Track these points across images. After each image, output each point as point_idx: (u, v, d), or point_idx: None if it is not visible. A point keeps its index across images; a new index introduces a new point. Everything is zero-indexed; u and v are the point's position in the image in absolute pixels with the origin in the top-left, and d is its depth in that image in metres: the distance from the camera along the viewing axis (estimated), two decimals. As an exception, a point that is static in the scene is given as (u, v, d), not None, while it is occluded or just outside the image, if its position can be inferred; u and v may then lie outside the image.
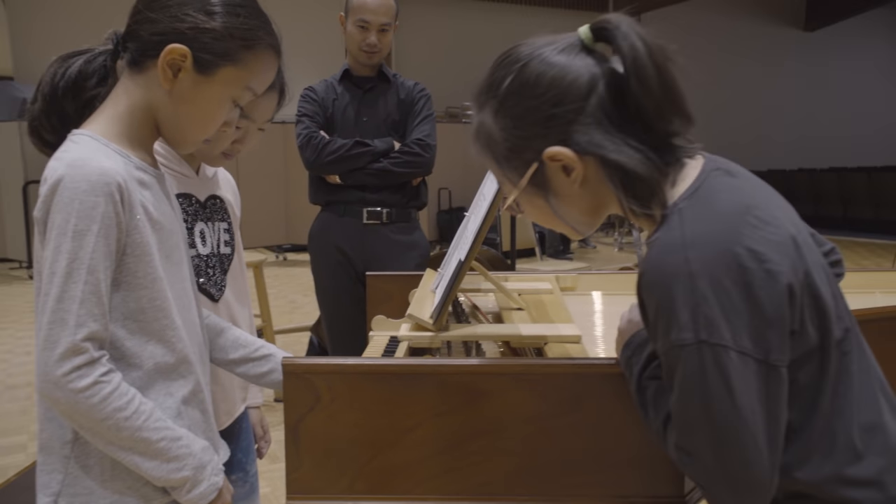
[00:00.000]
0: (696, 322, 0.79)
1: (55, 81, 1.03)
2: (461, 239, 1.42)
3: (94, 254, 0.93)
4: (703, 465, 0.83)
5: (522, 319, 1.36)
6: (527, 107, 0.90)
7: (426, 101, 2.69)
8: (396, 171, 2.57)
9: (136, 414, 0.96)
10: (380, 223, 2.61)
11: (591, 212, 0.97)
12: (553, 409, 1.06)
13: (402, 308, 1.81)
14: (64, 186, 0.93)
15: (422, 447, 1.07)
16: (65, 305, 0.92)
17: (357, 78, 2.66)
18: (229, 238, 1.42)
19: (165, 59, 1.00)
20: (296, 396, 1.07)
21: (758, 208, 0.85)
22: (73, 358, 0.91)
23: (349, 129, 2.63)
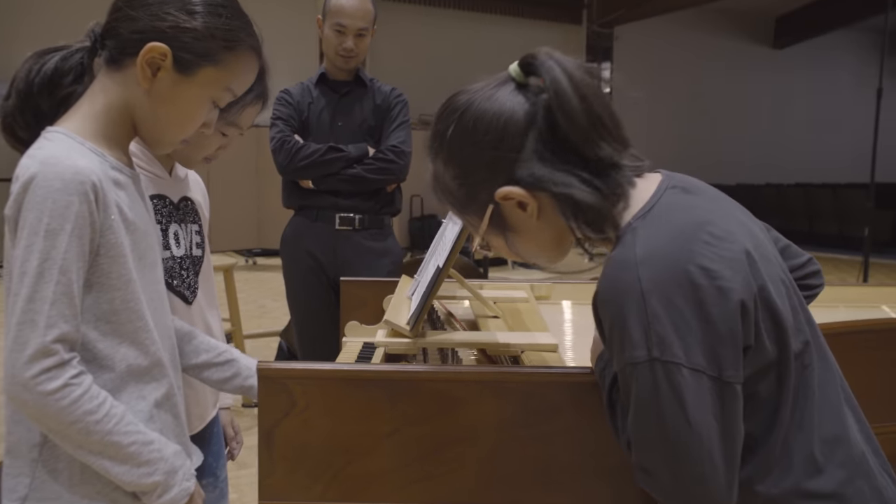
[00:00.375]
0: (649, 339, 0.79)
1: (30, 77, 1.01)
2: (438, 245, 1.42)
3: (66, 254, 0.91)
4: (660, 484, 0.84)
5: (498, 327, 1.36)
6: (470, 153, 0.92)
7: (402, 107, 2.67)
8: (370, 178, 2.55)
9: (106, 417, 0.94)
10: (352, 229, 2.59)
11: (555, 243, 0.98)
12: (529, 418, 1.06)
13: (376, 314, 1.80)
14: (37, 184, 0.91)
15: (397, 454, 1.07)
16: (35, 306, 0.90)
17: (333, 82, 2.64)
18: (200, 240, 1.41)
19: (145, 58, 0.99)
20: (270, 401, 1.05)
21: (711, 224, 0.85)
22: (43, 360, 0.89)
23: (324, 133, 2.61)
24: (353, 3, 2.51)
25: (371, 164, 2.55)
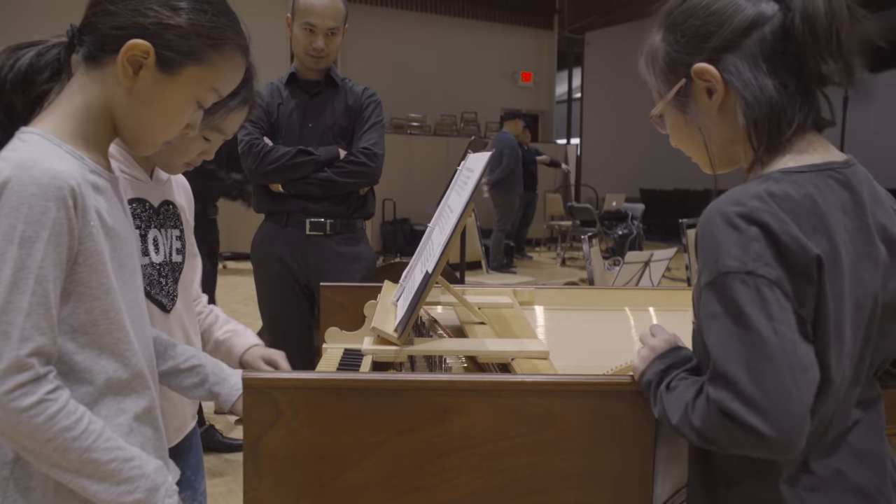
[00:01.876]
0: (747, 254, 0.83)
1: (2, 74, 0.96)
2: (424, 251, 1.39)
3: (42, 262, 0.86)
4: (743, 394, 0.81)
5: (486, 334, 1.34)
6: (692, 24, 0.96)
7: (375, 108, 2.60)
8: (341, 182, 2.49)
9: (84, 433, 0.89)
10: (323, 234, 2.53)
11: (718, 146, 1.01)
12: (523, 426, 1.04)
13: (355, 320, 1.77)
14: (11, 189, 0.86)
15: (387, 465, 1.04)
16: (9, 318, 0.85)
17: (303, 82, 2.56)
18: (181, 245, 1.36)
19: (126, 56, 0.95)
20: (256, 412, 1.02)
21: (815, 217, 0.88)
22: (17, 374, 0.85)
23: (294, 135, 2.54)
24: (323, 2, 2.44)
25: (342, 167, 2.49)
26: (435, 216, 1.51)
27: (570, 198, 12.25)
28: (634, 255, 3.76)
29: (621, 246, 8.63)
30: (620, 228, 9.00)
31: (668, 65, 1.00)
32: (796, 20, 0.90)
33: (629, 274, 3.69)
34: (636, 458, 1.06)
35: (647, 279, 3.79)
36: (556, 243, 10.78)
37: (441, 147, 10.66)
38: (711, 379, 0.85)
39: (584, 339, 1.60)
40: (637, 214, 9.75)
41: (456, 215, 1.16)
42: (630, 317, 1.81)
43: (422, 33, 12.17)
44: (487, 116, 12.11)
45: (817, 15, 0.90)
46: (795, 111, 0.93)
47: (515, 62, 13.29)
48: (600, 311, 1.84)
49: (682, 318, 1.77)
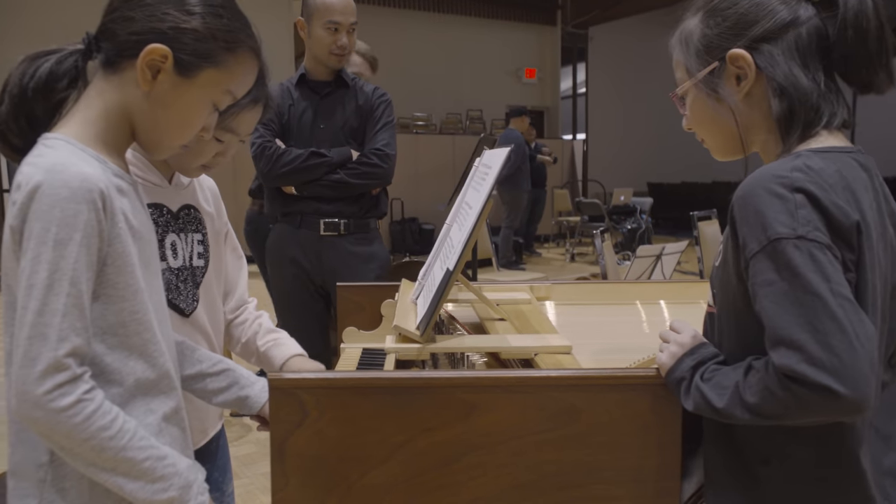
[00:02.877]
0: (795, 220, 0.85)
1: (24, 82, 0.97)
2: (442, 248, 1.39)
3: (76, 264, 0.87)
4: (810, 356, 0.81)
5: (506, 330, 1.34)
6: (736, 11, 0.99)
7: (386, 108, 2.59)
8: (353, 183, 2.48)
9: (120, 433, 0.90)
10: (337, 234, 2.52)
11: (743, 129, 1.02)
12: (548, 421, 1.04)
13: (373, 319, 1.77)
14: (43, 193, 0.87)
15: (413, 463, 1.04)
16: (45, 319, 0.86)
17: (314, 83, 2.56)
18: (203, 250, 1.35)
19: (145, 60, 0.95)
20: (282, 413, 1.02)
21: (847, 191, 0.90)
22: (55, 375, 0.86)
23: (305, 136, 2.53)
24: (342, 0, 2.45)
25: (354, 168, 2.48)
26: (451, 213, 1.51)
27: (578, 193, 12.23)
28: (646, 248, 3.75)
29: (630, 240, 8.61)
30: (629, 223, 8.98)
31: (704, 46, 1.03)
32: (848, 32, 0.93)
33: (641, 268, 3.68)
34: (663, 452, 1.05)
35: (658, 273, 3.78)
36: (565, 239, 10.76)
37: (447, 145, 10.66)
38: (773, 346, 0.84)
39: (602, 334, 1.60)
40: (645, 208, 9.73)
41: (476, 212, 1.16)
42: (643, 311, 1.80)
43: (425, 32, 12.17)
44: (493, 114, 12.10)
45: (869, 29, 0.93)
46: (827, 108, 0.96)
47: (519, 59, 13.27)
48: (617, 306, 1.84)
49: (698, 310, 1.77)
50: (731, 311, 0.97)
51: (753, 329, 0.89)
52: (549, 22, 13.53)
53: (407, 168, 9.92)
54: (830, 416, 0.85)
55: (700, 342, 1.01)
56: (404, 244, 9.62)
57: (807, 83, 0.95)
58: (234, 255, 1.48)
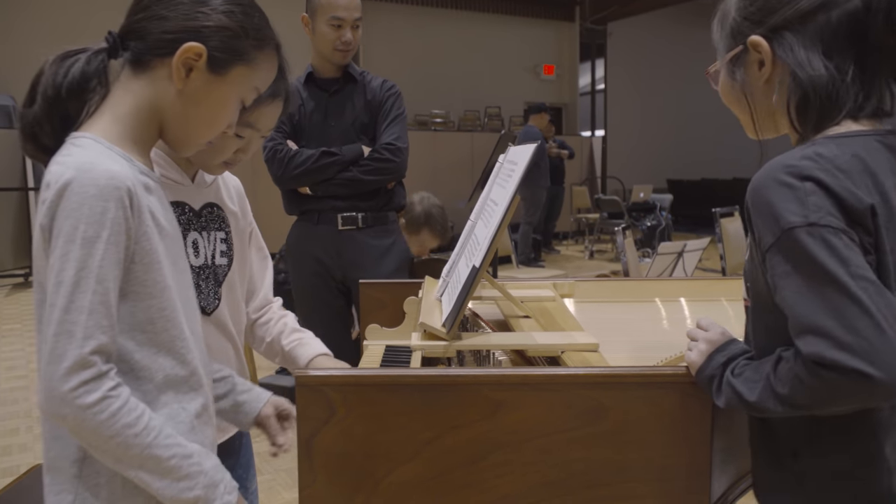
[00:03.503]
0: (806, 207, 0.84)
1: (57, 81, 0.97)
2: (467, 245, 1.39)
3: (103, 262, 0.88)
4: (839, 341, 0.80)
5: (532, 328, 1.33)
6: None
7: (395, 100, 2.56)
8: (366, 180, 2.47)
9: (146, 430, 0.91)
10: (355, 228, 2.51)
11: (766, 114, 1.03)
12: (576, 419, 1.03)
13: (395, 316, 1.77)
14: (71, 191, 0.88)
15: (440, 460, 1.04)
16: (72, 317, 0.86)
17: (322, 80, 2.54)
18: (226, 248, 1.35)
19: (181, 58, 0.96)
20: (309, 410, 1.02)
21: (865, 174, 0.88)
22: (81, 372, 0.86)
23: (316, 135, 2.51)
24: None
25: (367, 164, 2.46)
26: (475, 210, 1.51)
27: (597, 190, 12.17)
28: (668, 245, 3.72)
29: (650, 237, 8.56)
30: (649, 220, 8.93)
31: (732, 29, 1.03)
32: (879, 20, 0.91)
33: (662, 265, 3.66)
34: (692, 450, 1.04)
35: (680, 270, 3.76)
36: (584, 236, 10.71)
37: (465, 142, 10.64)
38: (799, 335, 0.83)
39: (627, 331, 1.59)
40: (665, 205, 9.67)
41: (502, 209, 1.15)
42: (667, 308, 1.79)
43: (443, 29, 12.16)
44: (511, 111, 12.07)
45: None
46: (849, 97, 0.93)
47: (537, 55, 13.22)
48: (640, 303, 1.83)
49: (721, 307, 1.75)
50: (762, 304, 0.96)
51: (782, 321, 0.88)
52: (568, 18, 13.46)
53: (425, 165, 9.92)
54: (864, 400, 0.83)
55: (729, 339, 1.00)
56: (422, 241, 9.61)
57: (824, 73, 0.93)
58: (260, 255, 1.48)
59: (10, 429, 3.52)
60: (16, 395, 4.03)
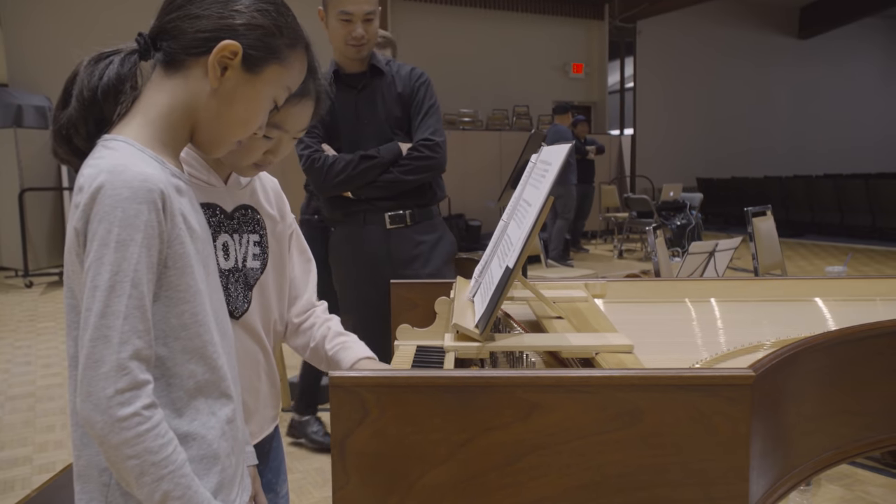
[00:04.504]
0: None
1: (93, 84, 0.97)
2: (499, 245, 1.38)
3: (137, 265, 0.87)
4: None
5: (565, 329, 1.32)
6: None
7: (426, 90, 2.47)
8: (409, 179, 2.41)
9: (165, 461, 0.89)
10: (404, 226, 2.46)
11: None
12: (611, 422, 1.02)
13: (426, 316, 1.77)
14: (104, 194, 0.87)
15: (474, 463, 1.03)
16: (108, 321, 0.86)
17: (348, 76, 2.46)
18: (260, 251, 1.33)
19: (217, 57, 0.96)
20: (343, 411, 1.02)
21: None
22: (118, 379, 0.86)
23: (350, 135, 2.45)
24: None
25: (406, 164, 2.40)
26: (508, 210, 1.50)
27: (626, 189, 12.08)
28: (699, 245, 3.68)
29: (680, 237, 8.48)
30: (678, 219, 8.84)
31: None
32: None
33: (693, 265, 3.61)
34: (730, 454, 1.02)
35: (711, 270, 3.71)
36: (613, 235, 10.63)
37: (494, 141, 10.63)
38: None
39: (661, 332, 1.57)
40: (695, 204, 9.56)
41: (536, 209, 1.14)
42: (701, 308, 1.76)
43: (470, 28, 12.15)
44: (539, 109, 12.03)
45: None
46: None
47: (566, 54, 13.16)
48: (674, 304, 1.80)
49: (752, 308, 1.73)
50: None
51: None
52: (597, 16, 13.38)
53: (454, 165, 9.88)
54: None
55: None
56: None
57: None
58: (302, 258, 1.46)
59: (46, 425, 3.58)
60: (52, 392, 4.10)
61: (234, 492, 1.02)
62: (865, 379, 1.37)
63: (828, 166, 15.07)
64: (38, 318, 6.07)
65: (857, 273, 7.59)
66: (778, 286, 1.85)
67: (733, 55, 14.80)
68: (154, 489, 0.88)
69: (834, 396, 1.33)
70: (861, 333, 1.34)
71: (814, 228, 12.20)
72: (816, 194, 12.27)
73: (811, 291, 1.84)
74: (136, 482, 0.88)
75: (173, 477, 0.89)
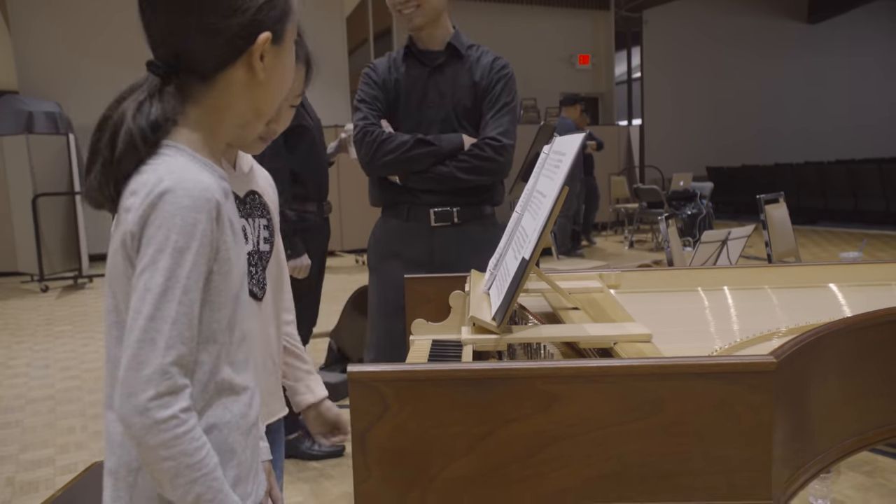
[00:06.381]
0: None
1: (142, 126, 0.92)
2: (514, 238, 1.37)
3: (191, 273, 0.88)
4: None
5: (582, 319, 1.31)
6: None
7: (505, 85, 2.24)
8: (463, 178, 2.18)
9: (199, 464, 0.90)
10: (450, 224, 2.24)
11: None
12: (632, 412, 1.01)
13: (440, 311, 1.77)
14: (166, 201, 0.88)
15: (495, 455, 1.03)
16: (156, 325, 0.86)
17: (422, 52, 2.22)
18: (269, 235, 1.38)
19: (258, 54, 0.96)
20: (363, 405, 1.02)
21: None
22: (159, 383, 0.86)
23: (413, 116, 2.23)
24: None
25: (465, 161, 2.17)
26: (521, 202, 1.49)
27: (635, 180, 12.04)
28: (711, 234, 3.66)
29: (691, 226, 8.45)
30: (689, 208, 8.81)
31: None
32: None
33: (706, 254, 3.60)
34: (752, 442, 1.02)
35: (724, 258, 3.69)
36: (623, 226, 10.60)
37: (501, 135, 10.59)
38: None
39: (678, 321, 1.56)
40: (706, 193, 9.52)
41: (550, 200, 1.14)
42: (715, 297, 1.76)
43: (476, 22, 12.12)
44: (547, 102, 11.99)
45: None
46: None
47: (572, 45, 13.12)
48: (688, 293, 1.80)
49: (767, 296, 1.72)
50: None
51: None
52: (603, 7, 13.33)
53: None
54: None
55: None
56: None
57: None
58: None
59: (66, 427, 3.61)
60: (70, 394, 4.13)
61: (249, 485, 1.03)
62: (888, 363, 1.36)
63: (839, 152, 14.96)
64: (55, 321, 6.11)
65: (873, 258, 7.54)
66: (793, 273, 1.84)
67: (741, 42, 14.70)
68: (187, 491, 0.89)
69: (856, 382, 1.32)
70: (885, 317, 1.33)
71: (827, 215, 12.11)
72: (829, 180, 12.18)
73: (826, 277, 1.83)
74: (170, 483, 0.89)
75: (206, 480, 0.90)
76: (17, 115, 8.35)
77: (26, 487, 2.95)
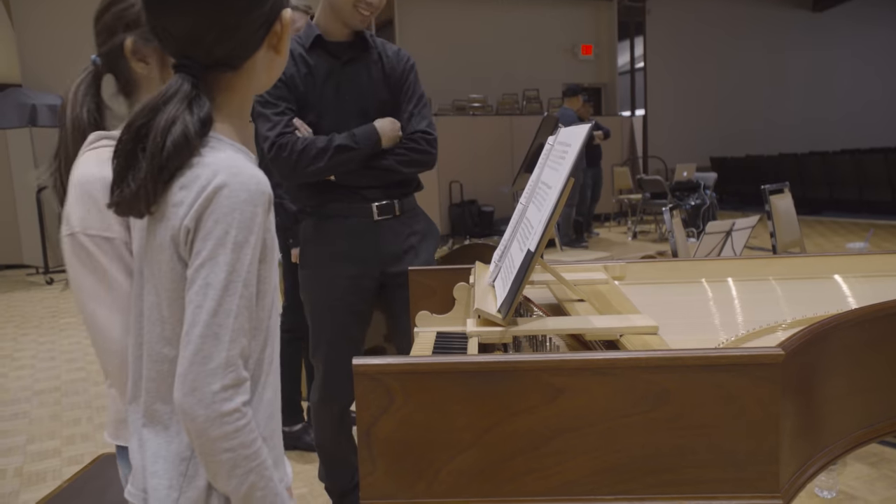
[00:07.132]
0: None
1: (190, 131, 0.91)
2: (519, 229, 1.37)
3: (250, 266, 0.89)
4: None
5: (588, 311, 1.31)
6: None
7: (415, 76, 2.28)
8: (404, 171, 2.21)
9: (254, 454, 0.92)
10: (392, 216, 2.23)
11: None
12: (639, 404, 1.01)
13: (444, 303, 1.77)
14: (223, 195, 0.88)
15: (501, 447, 1.03)
16: (219, 320, 0.87)
17: (332, 45, 2.17)
18: None
19: (278, 33, 0.97)
20: (368, 398, 1.02)
21: None
22: (224, 376, 0.88)
23: (329, 110, 2.18)
24: None
25: (403, 154, 2.20)
26: (526, 193, 1.48)
27: (639, 170, 12.01)
28: (716, 224, 3.65)
29: (694, 217, 8.42)
30: (693, 199, 8.78)
31: None
32: None
33: (710, 244, 3.59)
34: (759, 435, 1.02)
35: (728, 249, 3.68)
36: (626, 217, 10.58)
37: (504, 126, 10.58)
38: None
39: (683, 313, 1.55)
40: (709, 184, 9.49)
41: (556, 191, 1.13)
42: (720, 288, 1.75)
43: (478, 13, 12.08)
44: (549, 93, 11.95)
45: None
46: None
47: (575, 35, 13.06)
48: (693, 284, 1.79)
49: (770, 287, 1.71)
50: None
51: None
52: (606, -3, 13.26)
53: (465, 150, 9.89)
54: None
55: None
56: (464, 227, 9.61)
57: None
58: None
59: (73, 419, 3.63)
60: (77, 386, 4.14)
61: (281, 469, 1.05)
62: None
63: (844, 142, 14.90)
64: (60, 314, 6.13)
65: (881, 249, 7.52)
66: (798, 264, 1.83)
67: (745, 30, 14.63)
68: (243, 481, 0.92)
69: (865, 373, 1.31)
70: (893, 309, 1.33)
71: (832, 205, 12.07)
72: (834, 170, 12.12)
73: (831, 268, 1.82)
74: (227, 474, 0.91)
75: (260, 469, 0.93)
76: (20, 108, 8.36)
77: (34, 478, 2.96)
